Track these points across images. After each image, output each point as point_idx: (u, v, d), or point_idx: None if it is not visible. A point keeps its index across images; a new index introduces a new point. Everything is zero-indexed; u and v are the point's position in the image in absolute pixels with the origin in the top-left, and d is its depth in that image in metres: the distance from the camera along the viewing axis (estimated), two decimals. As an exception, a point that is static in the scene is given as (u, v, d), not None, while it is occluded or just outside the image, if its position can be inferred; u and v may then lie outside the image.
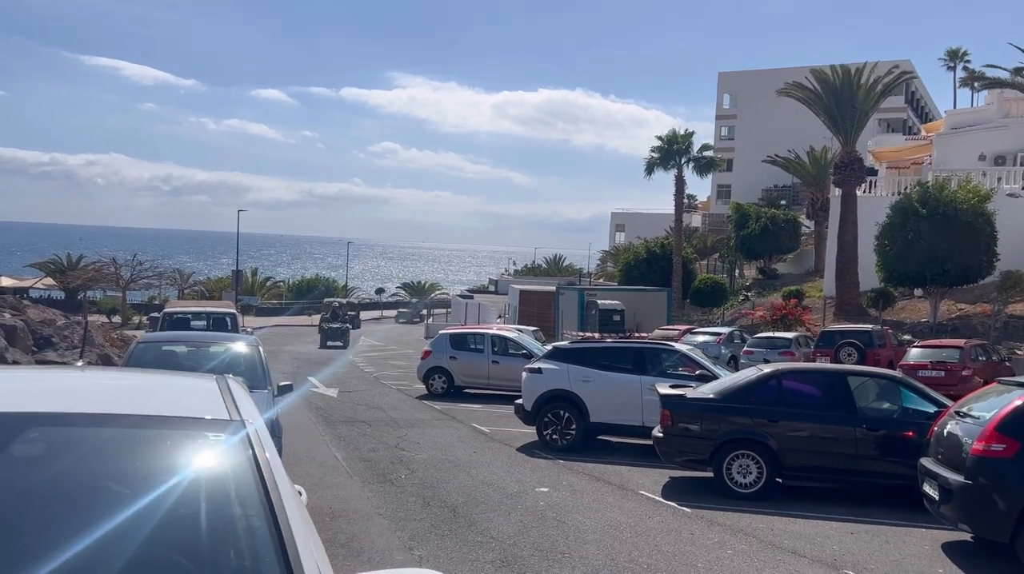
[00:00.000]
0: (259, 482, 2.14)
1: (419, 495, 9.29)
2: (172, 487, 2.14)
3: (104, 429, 2.29)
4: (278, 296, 67.03)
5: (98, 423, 2.29)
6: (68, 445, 2.25)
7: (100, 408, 2.39)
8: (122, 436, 2.29)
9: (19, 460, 2.16)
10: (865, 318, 30.93)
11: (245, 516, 2.08)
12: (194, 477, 2.20)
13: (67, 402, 2.43)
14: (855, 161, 35.73)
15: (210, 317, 16.85)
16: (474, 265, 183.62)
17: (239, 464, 2.20)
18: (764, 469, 9.67)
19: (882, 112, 51.69)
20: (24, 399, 2.40)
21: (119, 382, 3.02)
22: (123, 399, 2.56)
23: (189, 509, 2.10)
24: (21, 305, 20.82)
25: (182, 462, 2.23)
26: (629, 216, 77.78)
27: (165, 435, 2.30)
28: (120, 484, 2.14)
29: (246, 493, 2.12)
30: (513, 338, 21.25)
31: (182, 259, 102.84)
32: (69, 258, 57.70)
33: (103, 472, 2.19)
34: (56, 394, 2.55)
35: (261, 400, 8.35)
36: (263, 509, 2.07)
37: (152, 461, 2.24)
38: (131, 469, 2.21)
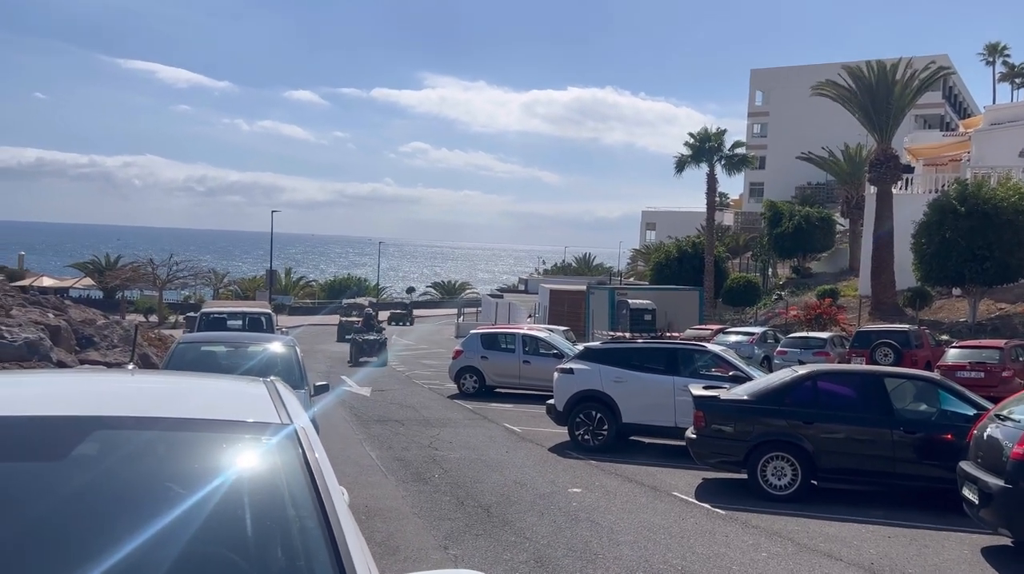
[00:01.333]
0: (310, 484, 2.21)
1: (453, 494, 9.38)
2: (227, 489, 2.22)
3: (161, 432, 2.38)
4: (311, 296, 67.73)
5: (156, 427, 2.38)
6: (128, 448, 2.34)
7: (156, 412, 2.48)
8: (179, 439, 2.37)
9: (83, 462, 2.25)
10: (902, 318, 30.47)
11: (299, 517, 2.15)
12: (248, 479, 2.27)
13: (126, 406, 2.52)
14: (891, 158, 35.18)
15: (246, 317, 17.12)
16: (504, 264, 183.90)
17: (290, 466, 2.27)
18: (799, 471, 9.61)
19: (919, 108, 50.78)
20: (86, 403, 2.50)
21: (172, 386, 3.12)
22: (178, 403, 2.65)
23: (244, 510, 2.18)
24: (63, 305, 21.32)
25: (236, 465, 2.31)
26: (660, 215, 77.35)
27: (220, 438, 2.38)
28: (179, 485, 2.22)
29: (298, 494, 2.20)
30: (544, 338, 21.30)
31: (216, 259, 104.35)
32: (107, 258, 58.85)
33: (163, 474, 2.28)
34: (115, 398, 2.65)
35: (301, 401, 8.50)
36: (314, 510, 2.14)
37: (208, 463, 2.32)
38: (188, 471, 2.29)
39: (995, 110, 45.06)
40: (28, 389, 2.76)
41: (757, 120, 72.39)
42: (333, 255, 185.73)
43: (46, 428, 2.25)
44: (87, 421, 2.29)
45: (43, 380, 3.34)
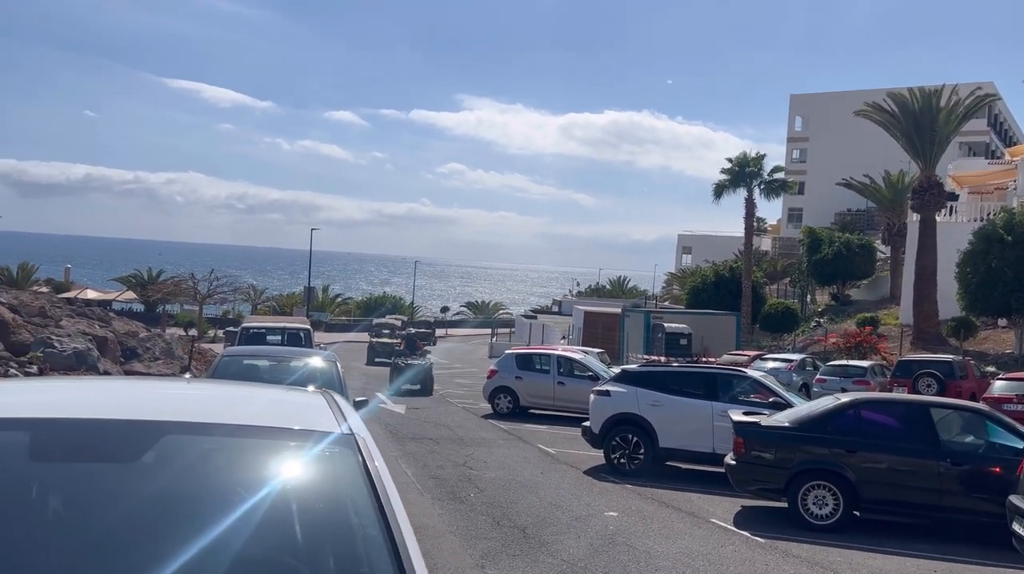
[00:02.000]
0: (371, 492, 2.25)
1: (489, 514, 9.36)
2: (292, 495, 2.27)
3: (227, 438, 2.43)
4: (347, 313, 68.34)
5: (222, 433, 2.43)
6: (195, 452, 2.40)
7: (220, 418, 2.54)
8: (244, 445, 2.43)
9: (154, 465, 2.31)
10: (945, 348, 29.85)
11: (361, 525, 2.18)
12: (312, 486, 2.32)
13: (191, 412, 2.59)
14: (935, 186, 34.66)
15: (285, 332, 17.35)
16: (538, 285, 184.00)
17: (352, 474, 2.31)
18: (841, 501, 9.44)
19: (963, 135, 49.99)
20: (155, 408, 2.57)
21: (232, 394, 3.19)
22: (240, 410, 2.70)
23: (308, 517, 2.22)
24: (108, 317, 21.81)
25: (300, 471, 2.36)
26: (696, 238, 76.85)
27: (284, 445, 2.43)
28: (245, 490, 2.27)
29: (360, 502, 2.23)
30: (579, 359, 21.24)
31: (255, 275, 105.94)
32: (150, 272, 60.02)
33: (229, 479, 2.33)
34: (181, 404, 2.71)
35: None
36: (377, 518, 2.17)
37: (273, 469, 2.37)
38: (254, 476, 2.34)
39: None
40: (98, 394, 2.84)
41: (796, 145, 71.82)
42: (368, 273, 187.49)
43: (120, 431, 2.32)
44: (158, 426, 2.36)
45: (111, 386, 3.44)
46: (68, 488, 2.19)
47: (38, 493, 2.17)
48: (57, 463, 2.24)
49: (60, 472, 2.23)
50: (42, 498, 2.17)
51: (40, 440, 2.24)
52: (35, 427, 2.28)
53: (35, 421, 2.31)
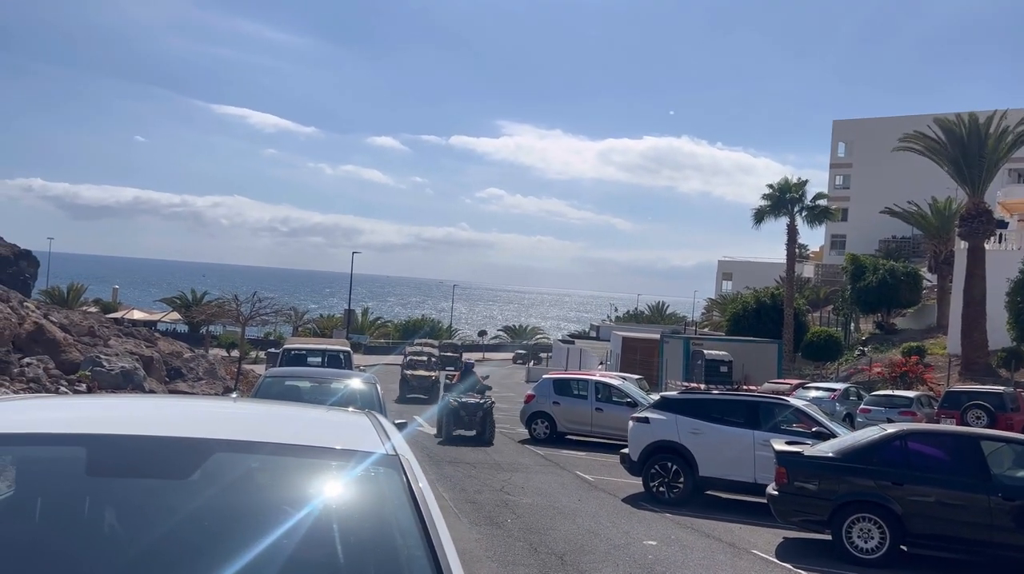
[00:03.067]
0: (415, 513, 2.27)
1: (526, 540, 9.30)
2: (337, 514, 2.30)
3: (275, 457, 2.48)
4: (386, 335, 68.87)
5: (269, 451, 2.48)
6: (244, 470, 2.45)
7: (268, 437, 2.59)
8: (291, 464, 2.47)
9: (204, 482, 2.36)
10: (994, 379, 29.02)
11: (406, 546, 2.20)
12: (357, 505, 2.35)
13: (239, 430, 2.64)
14: (983, 213, 33.93)
15: (325, 354, 17.55)
16: (575, 310, 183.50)
17: (397, 494, 2.34)
18: (887, 534, 9.20)
19: (1013, 162, 48.81)
20: (206, 426, 2.63)
21: (278, 414, 3.25)
22: (286, 430, 2.75)
23: (353, 537, 2.24)
24: (153, 337, 22.29)
25: (346, 491, 2.39)
26: (737, 264, 76.10)
27: (330, 465, 2.46)
28: (293, 508, 2.31)
29: (405, 523, 2.25)
30: (617, 385, 21.10)
31: (296, 297, 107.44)
32: (194, 294, 61.24)
33: (276, 497, 2.37)
34: (229, 422, 2.77)
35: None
36: (421, 539, 2.19)
37: (319, 488, 2.41)
38: (301, 495, 2.38)
39: (1096, 165, 43.05)
40: (151, 411, 2.92)
41: (839, 171, 70.96)
42: (406, 296, 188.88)
43: (173, 448, 2.37)
44: (209, 443, 2.41)
45: (162, 404, 3.53)
46: (122, 503, 2.25)
47: (93, 507, 2.24)
48: (112, 478, 2.30)
49: (115, 487, 2.29)
50: (98, 512, 2.22)
51: (97, 455, 2.31)
52: (92, 443, 2.35)
53: (92, 437, 2.38)
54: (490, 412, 18.69)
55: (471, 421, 18.43)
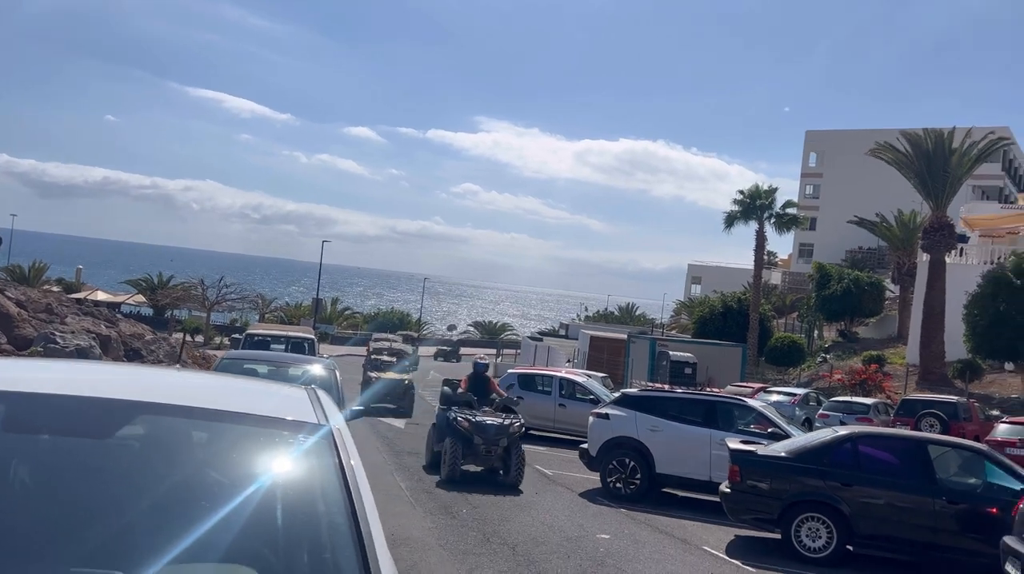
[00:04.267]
0: (342, 482, 2.27)
1: (480, 530, 9.32)
2: (261, 479, 2.30)
3: (202, 421, 2.47)
4: (354, 326, 68.45)
5: (196, 416, 2.47)
6: (169, 433, 2.45)
7: (198, 403, 2.58)
8: (218, 430, 2.47)
9: (126, 443, 2.35)
10: (950, 389, 29.61)
11: (328, 513, 2.21)
12: (282, 472, 2.35)
13: (169, 395, 2.63)
14: (945, 227, 34.61)
15: (289, 341, 17.40)
16: (547, 308, 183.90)
17: (324, 464, 2.34)
18: (835, 534, 9.36)
19: (976, 179, 49.97)
20: (133, 389, 2.61)
21: (215, 383, 3.23)
22: (219, 397, 2.74)
23: (275, 501, 2.24)
24: (115, 318, 21.95)
25: (274, 458, 2.39)
26: (706, 269, 76.79)
27: (258, 432, 2.46)
28: (215, 473, 2.31)
29: (330, 491, 2.26)
30: (581, 382, 21.19)
31: (266, 284, 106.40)
32: (160, 277, 60.38)
33: (200, 461, 2.37)
34: (161, 388, 2.76)
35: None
36: (345, 508, 2.20)
37: (245, 455, 2.41)
38: (225, 460, 2.38)
39: (1057, 184, 44.08)
40: (79, 374, 2.89)
41: (810, 181, 71.87)
42: (380, 289, 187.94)
43: (96, 408, 2.36)
44: (134, 405, 2.40)
45: (96, 368, 3.49)
46: (38, 460, 2.23)
47: (6, 463, 2.22)
48: (29, 435, 2.28)
49: (31, 444, 2.27)
50: (11, 468, 2.20)
51: (14, 412, 2.28)
52: (11, 399, 2.33)
53: (11, 394, 2.35)
54: (518, 441, 12.55)
55: (489, 453, 12.27)
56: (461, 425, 12.34)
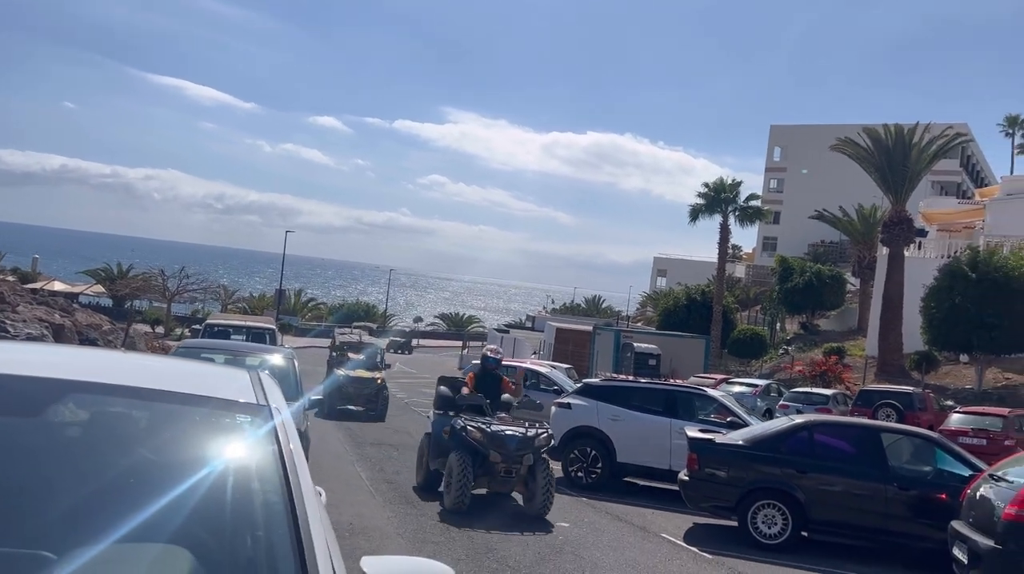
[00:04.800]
0: (280, 464, 2.24)
1: (439, 519, 9.31)
2: (195, 458, 2.26)
3: (135, 401, 2.42)
4: (319, 318, 67.90)
5: (129, 395, 2.42)
6: (100, 412, 2.40)
7: (134, 382, 2.52)
8: (152, 409, 2.42)
9: (57, 425, 2.29)
10: (907, 380, 30.23)
11: (263, 491, 2.17)
12: (220, 453, 2.31)
13: (104, 375, 2.57)
14: (904, 221, 35.25)
15: (250, 331, 17.17)
16: (514, 300, 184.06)
17: (261, 444, 2.31)
18: (790, 520, 9.51)
19: (935, 174, 50.95)
20: (65, 368, 2.55)
21: (155, 364, 3.17)
22: (157, 377, 2.69)
23: (212, 482, 2.20)
24: (71, 308, 21.50)
25: (211, 438, 2.36)
26: (671, 262, 77.43)
27: (195, 412, 2.42)
28: (148, 452, 2.26)
29: (267, 472, 2.22)
30: (545, 373, 21.23)
31: (229, 275, 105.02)
32: (120, 267, 59.30)
33: (132, 440, 2.32)
34: (95, 367, 2.69)
35: (295, 412, 8.51)
36: (282, 488, 2.17)
37: (179, 434, 2.37)
38: (163, 440, 2.34)
39: (1012, 181, 45.17)
40: (17, 354, 2.82)
41: (774, 175, 72.73)
42: (345, 280, 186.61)
43: (24, 386, 2.29)
44: (64, 384, 2.34)
45: (33, 348, 3.40)
46: None
47: None
48: None
49: None
50: None
51: None
52: None
53: None
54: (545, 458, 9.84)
55: (509, 473, 9.62)
56: (472, 436, 9.52)
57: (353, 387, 19.07)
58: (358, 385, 19.16)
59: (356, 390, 19.13)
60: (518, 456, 9.52)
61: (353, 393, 18.99)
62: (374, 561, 2.18)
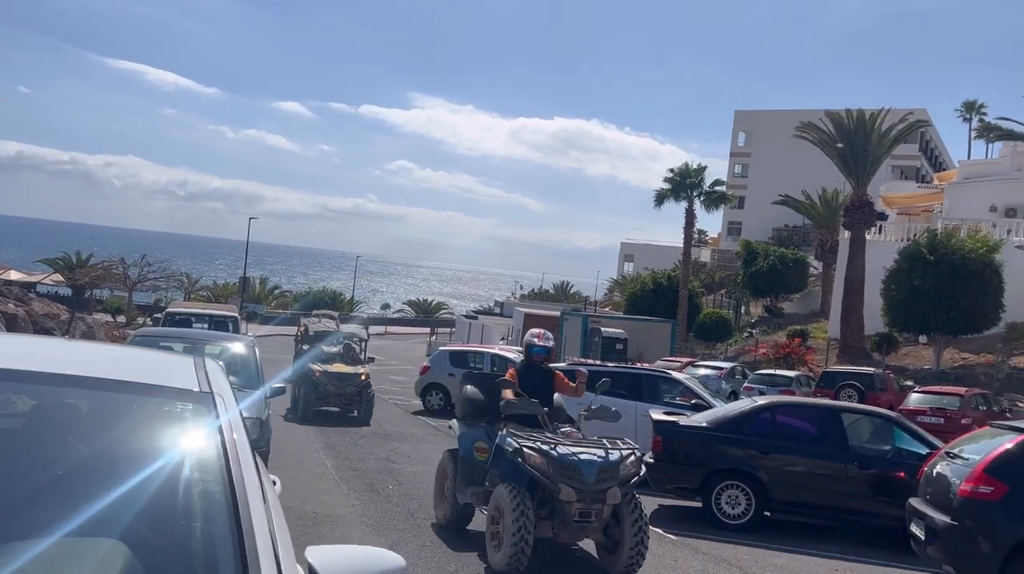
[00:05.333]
0: (222, 452, 2.17)
1: (404, 506, 9.25)
2: (137, 448, 2.18)
3: (77, 389, 2.33)
4: (284, 306, 67.20)
5: (68, 384, 2.33)
6: (42, 405, 2.30)
7: (72, 371, 2.43)
8: (95, 398, 2.34)
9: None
10: (868, 361, 30.79)
11: (203, 482, 2.10)
12: (159, 441, 2.23)
13: (42, 363, 2.47)
14: (866, 205, 35.79)
15: (211, 319, 16.91)
16: (482, 287, 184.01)
17: (204, 433, 2.23)
18: (753, 501, 9.61)
19: (895, 159, 51.76)
20: (2, 358, 2.44)
21: (98, 351, 3.07)
22: (98, 365, 2.59)
23: (150, 471, 2.12)
24: (27, 297, 21.00)
25: (151, 426, 2.28)
26: (638, 247, 77.91)
27: (135, 401, 2.33)
28: (88, 442, 2.17)
29: (208, 461, 2.15)
30: (513, 358, 21.24)
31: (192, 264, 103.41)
32: (79, 256, 58.10)
33: (70, 431, 2.23)
34: (35, 356, 2.59)
35: (255, 400, 8.39)
36: (223, 477, 2.09)
37: (120, 424, 2.28)
38: (100, 429, 2.25)
39: (969, 165, 46.07)
40: None
41: (739, 160, 73.36)
42: (311, 267, 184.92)
43: None
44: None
45: None
46: None
47: None
48: None
49: None
50: None
51: None
52: None
53: None
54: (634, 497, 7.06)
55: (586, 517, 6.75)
56: (532, 462, 6.76)
57: (332, 385, 16.32)
58: (338, 382, 16.35)
59: (336, 388, 16.38)
60: (600, 491, 6.64)
61: (332, 391, 16.35)
62: (319, 551, 2.11)
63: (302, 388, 16.37)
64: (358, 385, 16.59)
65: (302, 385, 16.42)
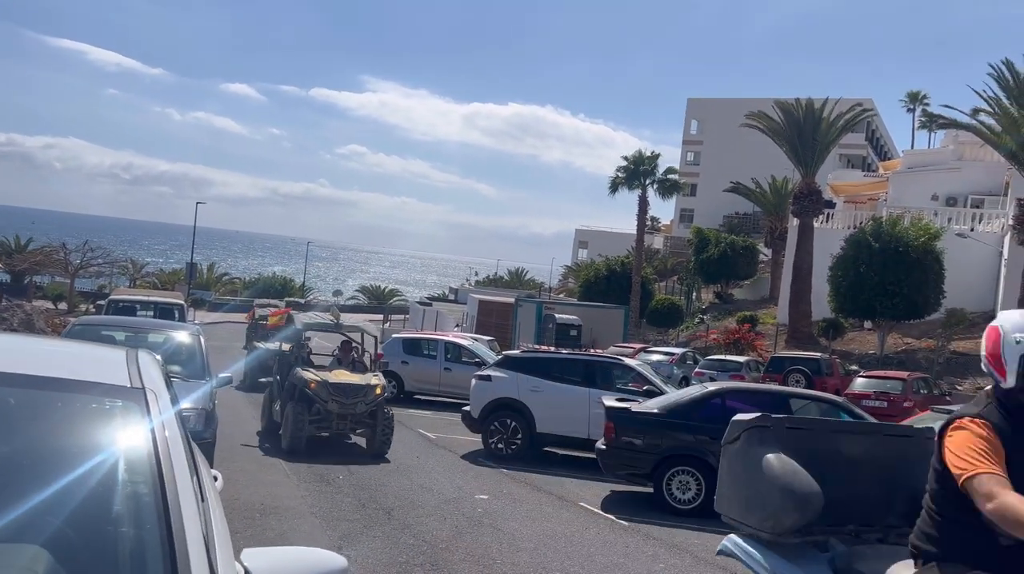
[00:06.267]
0: (152, 450, 2.06)
1: (355, 497, 9.15)
2: (61, 448, 2.07)
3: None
4: (233, 292, 66.01)
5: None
6: None
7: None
8: (17, 395, 2.20)
9: None
10: (816, 347, 31.45)
11: (132, 482, 2.00)
12: (84, 441, 2.12)
13: None
14: (814, 193, 36.46)
15: (157, 307, 16.48)
16: (436, 273, 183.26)
17: (134, 431, 2.13)
18: (703, 486, 9.72)
19: (843, 148, 52.83)
20: None
21: (23, 344, 2.91)
22: (20, 359, 2.44)
23: (75, 472, 2.01)
24: (-39, 284, 20.17)
25: (76, 425, 2.17)
26: (592, 234, 78.32)
27: (60, 398, 2.21)
28: (9, 443, 2.05)
29: (137, 460, 2.04)
30: (467, 346, 21.18)
31: (138, 250, 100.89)
32: (17, 240, 56.21)
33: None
34: None
35: (201, 391, 8.17)
36: (153, 477, 1.99)
37: (44, 423, 2.16)
38: (22, 429, 2.13)
39: (913, 154, 47.26)
40: None
41: (691, 148, 74.14)
42: (260, 253, 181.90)
43: None
44: None
45: None
46: None
47: None
48: None
49: None
50: None
51: None
52: None
53: None
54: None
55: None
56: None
57: (335, 401, 11.34)
58: (343, 398, 11.38)
59: (340, 406, 11.38)
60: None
61: (335, 411, 11.37)
62: (255, 553, 2.03)
63: (289, 405, 11.48)
64: (371, 402, 11.60)
65: (288, 401, 11.60)
